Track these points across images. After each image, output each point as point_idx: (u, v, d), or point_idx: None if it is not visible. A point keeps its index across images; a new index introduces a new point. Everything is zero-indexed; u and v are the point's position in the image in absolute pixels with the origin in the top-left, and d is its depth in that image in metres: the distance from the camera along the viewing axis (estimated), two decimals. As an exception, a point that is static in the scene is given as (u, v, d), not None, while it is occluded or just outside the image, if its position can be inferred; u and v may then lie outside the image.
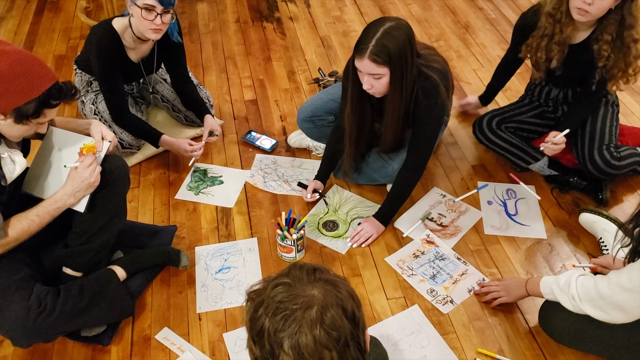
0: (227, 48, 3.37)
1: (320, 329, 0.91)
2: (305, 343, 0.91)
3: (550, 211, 2.32)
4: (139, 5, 2.14)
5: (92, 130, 1.82)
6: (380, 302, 2.00)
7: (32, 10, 3.74)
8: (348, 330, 0.93)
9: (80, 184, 1.71)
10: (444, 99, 1.99)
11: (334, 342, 0.91)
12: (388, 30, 1.82)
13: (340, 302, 0.95)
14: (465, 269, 2.10)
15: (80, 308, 1.72)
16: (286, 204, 2.37)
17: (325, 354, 0.91)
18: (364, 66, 1.87)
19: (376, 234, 2.20)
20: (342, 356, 0.92)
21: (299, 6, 3.77)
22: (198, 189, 2.44)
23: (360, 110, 2.09)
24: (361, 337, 0.96)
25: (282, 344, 0.92)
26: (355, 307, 0.97)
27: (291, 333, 0.91)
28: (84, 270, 1.90)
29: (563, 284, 1.62)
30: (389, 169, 2.26)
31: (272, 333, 0.92)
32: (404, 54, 1.84)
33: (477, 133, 2.44)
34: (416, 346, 1.85)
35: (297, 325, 0.92)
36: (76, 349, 1.87)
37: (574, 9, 1.98)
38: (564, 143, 2.20)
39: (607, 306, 1.51)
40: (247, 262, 2.13)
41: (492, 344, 1.87)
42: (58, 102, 1.56)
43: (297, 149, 2.64)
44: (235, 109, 2.89)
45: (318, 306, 0.93)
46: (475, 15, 3.67)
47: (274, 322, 0.93)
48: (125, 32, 2.30)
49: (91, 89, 2.53)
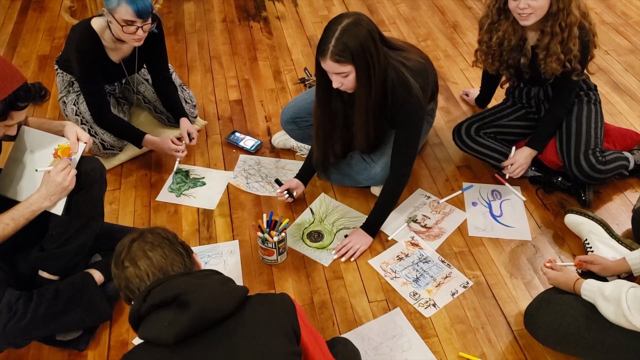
0: (213, 48, 3.33)
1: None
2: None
3: (536, 212, 2.30)
4: (117, 21, 2.12)
5: (66, 131, 1.78)
6: (362, 305, 1.97)
7: (17, 10, 3.70)
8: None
9: (55, 188, 1.68)
10: (419, 97, 1.95)
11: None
12: (346, 28, 1.79)
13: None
14: (449, 271, 2.08)
15: (54, 313, 1.69)
16: (269, 206, 2.34)
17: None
18: (328, 67, 1.85)
19: (364, 246, 2.14)
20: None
21: (287, 5, 3.74)
22: (180, 190, 2.41)
23: (327, 107, 2.06)
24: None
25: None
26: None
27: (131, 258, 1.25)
28: (61, 273, 1.87)
29: (609, 293, 1.58)
30: (371, 171, 2.22)
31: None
32: (367, 48, 1.81)
33: (456, 140, 2.43)
34: (397, 350, 1.83)
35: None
36: (52, 354, 1.84)
37: (517, 16, 2.04)
38: (522, 159, 2.26)
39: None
40: (228, 264, 2.10)
41: (474, 348, 1.84)
42: (26, 104, 1.53)
43: (281, 149, 2.61)
44: (220, 109, 2.86)
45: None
46: (464, 14, 3.64)
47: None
48: (105, 33, 2.27)
49: (72, 89, 2.50)
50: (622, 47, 3.30)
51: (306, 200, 2.36)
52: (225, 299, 1.17)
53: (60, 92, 2.53)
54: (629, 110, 2.81)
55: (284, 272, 2.08)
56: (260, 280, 2.05)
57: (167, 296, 1.15)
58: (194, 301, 1.12)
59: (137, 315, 1.17)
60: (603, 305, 1.59)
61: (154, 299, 1.15)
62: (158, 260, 1.23)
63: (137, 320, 1.18)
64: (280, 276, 2.07)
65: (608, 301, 1.58)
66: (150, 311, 1.15)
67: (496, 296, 2.00)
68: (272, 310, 1.24)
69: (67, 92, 2.50)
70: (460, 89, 2.98)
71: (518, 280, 2.05)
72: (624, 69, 3.10)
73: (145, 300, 1.16)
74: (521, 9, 1.99)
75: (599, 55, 3.20)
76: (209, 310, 1.13)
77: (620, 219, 2.26)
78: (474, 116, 2.45)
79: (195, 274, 1.23)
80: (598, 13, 3.58)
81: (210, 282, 1.20)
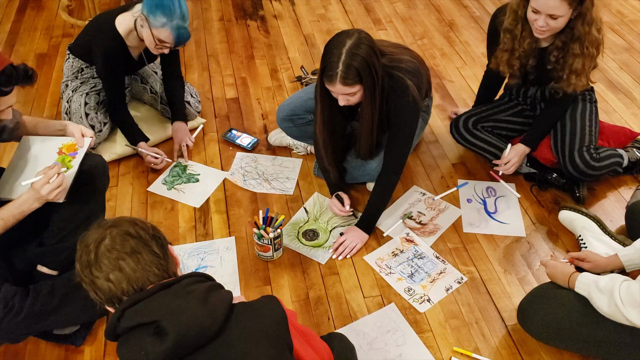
0: (210, 46, 3.35)
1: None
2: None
3: (530, 209, 2.32)
4: (153, 35, 2.18)
5: (70, 129, 1.81)
6: (357, 300, 1.98)
7: (14, 9, 3.70)
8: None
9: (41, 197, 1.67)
10: (415, 97, 1.97)
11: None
12: (352, 51, 1.79)
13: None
14: (444, 267, 2.09)
15: (50, 308, 1.69)
16: (265, 203, 2.35)
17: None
18: (337, 89, 1.86)
19: (360, 244, 2.15)
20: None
21: (284, 4, 3.75)
22: (172, 184, 2.42)
23: (331, 123, 2.07)
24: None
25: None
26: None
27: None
28: (60, 268, 1.87)
29: (603, 285, 1.59)
30: (367, 167, 2.24)
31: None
32: (372, 64, 1.83)
33: (454, 133, 2.44)
34: (392, 345, 1.84)
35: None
36: (49, 350, 1.85)
37: (533, 28, 2.02)
38: (516, 157, 2.27)
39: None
40: (224, 261, 2.12)
41: (468, 343, 1.86)
42: (10, 88, 1.51)
43: (277, 147, 2.62)
44: (217, 107, 2.87)
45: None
46: (460, 13, 3.66)
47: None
48: (130, 35, 2.32)
49: (80, 75, 2.54)
50: (618, 45, 3.31)
51: (302, 199, 2.37)
52: (207, 323, 1.09)
53: (66, 76, 2.57)
54: (623, 108, 2.82)
55: (280, 269, 2.09)
56: (256, 276, 2.06)
57: (143, 321, 1.08)
58: (171, 330, 1.05)
59: (113, 333, 1.13)
60: (597, 298, 1.60)
61: (129, 322, 1.09)
62: (131, 274, 1.13)
63: (114, 337, 1.14)
64: (276, 272, 2.08)
65: (602, 293, 1.59)
66: (127, 331, 1.11)
67: (490, 292, 2.01)
68: (261, 325, 1.16)
69: (74, 77, 2.54)
70: (456, 87, 2.99)
71: (512, 276, 2.07)
72: (619, 68, 3.12)
73: (120, 321, 1.10)
74: (540, 26, 1.98)
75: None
76: (189, 339, 1.07)
77: (614, 216, 2.28)
78: (471, 110, 2.46)
79: (173, 288, 1.13)
80: (594, 12, 3.60)
81: (189, 304, 1.10)
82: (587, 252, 1.93)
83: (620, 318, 1.55)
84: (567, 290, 1.73)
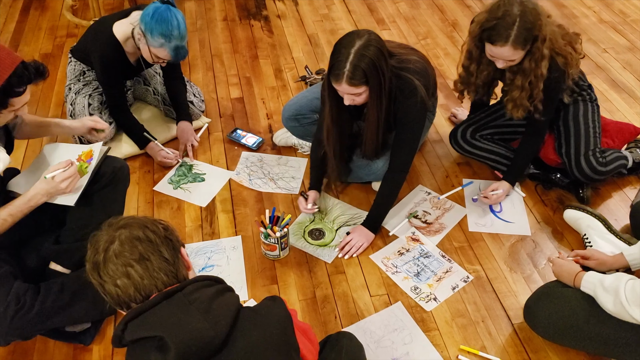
0: (214, 46, 3.36)
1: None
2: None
3: (535, 208, 2.33)
4: (150, 51, 2.21)
5: (84, 122, 1.95)
6: (364, 299, 1.99)
7: (18, 9, 3.71)
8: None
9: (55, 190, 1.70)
10: (423, 97, 1.98)
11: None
12: (361, 52, 1.79)
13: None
14: (450, 266, 2.10)
15: (61, 305, 1.71)
16: (271, 202, 2.36)
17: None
18: (343, 89, 1.87)
19: (367, 243, 2.16)
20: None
21: (287, 4, 3.76)
22: (178, 183, 2.44)
23: (338, 121, 2.07)
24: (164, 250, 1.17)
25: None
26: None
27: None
28: (74, 267, 1.88)
29: (609, 284, 1.60)
30: (373, 166, 2.25)
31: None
32: (380, 67, 1.83)
33: (454, 145, 2.45)
34: (399, 343, 1.85)
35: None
36: (57, 348, 1.86)
37: (491, 58, 2.04)
38: (502, 193, 2.29)
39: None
40: (230, 260, 2.13)
41: (474, 341, 1.87)
42: (23, 88, 1.51)
43: (282, 147, 2.63)
44: (222, 107, 2.88)
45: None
46: (463, 13, 3.67)
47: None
48: (127, 42, 2.33)
49: (83, 78, 2.55)
50: (620, 45, 3.32)
51: (308, 197, 2.38)
52: (209, 336, 1.07)
53: (68, 80, 2.58)
54: (627, 108, 2.83)
55: (287, 267, 2.10)
56: (263, 275, 2.07)
57: (146, 335, 1.08)
58: (173, 346, 1.04)
59: (119, 343, 1.14)
60: (602, 296, 1.61)
61: (133, 335, 1.09)
62: (139, 281, 1.12)
63: (120, 346, 1.15)
64: (283, 271, 2.09)
65: (607, 292, 1.60)
66: (132, 343, 1.11)
67: (496, 290, 2.02)
68: (268, 333, 1.15)
69: (76, 80, 2.55)
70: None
71: (518, 275, 2.08)
72: (622, 67, 3.13)
73: (124, 334, 1.11)
74: (500, 66, 2.02)
75: (597, 53, 3.25)
76: (192, 353, 1.05)
77: (619, 215, 2.29)
78: (469, 119, 2.46)
79: (176, 298, 1.12)
80: (596, 12, 3.61)
81: (189, 317, 1.08)
82: (592, 251, 1.94)
83: (626, 317, 1.57)
84: (573, 288, 1.74)
